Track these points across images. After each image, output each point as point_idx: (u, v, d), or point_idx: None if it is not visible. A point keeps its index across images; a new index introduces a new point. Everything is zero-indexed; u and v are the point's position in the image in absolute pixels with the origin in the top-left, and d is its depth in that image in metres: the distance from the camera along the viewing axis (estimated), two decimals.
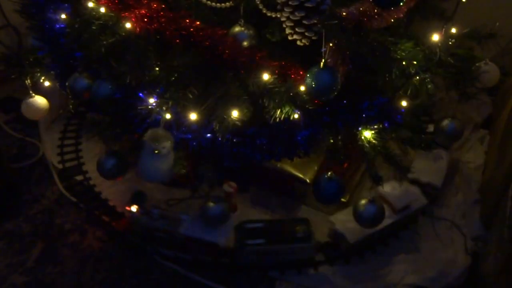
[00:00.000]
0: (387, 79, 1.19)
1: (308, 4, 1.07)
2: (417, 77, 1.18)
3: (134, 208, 1.40)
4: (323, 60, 1.04)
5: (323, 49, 1.05)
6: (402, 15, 1.20)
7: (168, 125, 1.15)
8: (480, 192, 1.61)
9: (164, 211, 1.43)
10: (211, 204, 1.31)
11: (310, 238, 1.40)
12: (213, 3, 1.25)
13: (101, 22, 1.22)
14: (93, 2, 1.24)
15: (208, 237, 1.40)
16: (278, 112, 1.11)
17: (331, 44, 1.09)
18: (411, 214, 1.49)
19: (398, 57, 1.18)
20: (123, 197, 1.60)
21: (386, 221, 1.38)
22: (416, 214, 1.53)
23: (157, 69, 1.19)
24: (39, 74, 1.44)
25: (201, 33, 1.17)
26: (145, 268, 1.47)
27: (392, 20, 1.18)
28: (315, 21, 1.08)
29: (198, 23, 1.19)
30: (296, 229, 1.41)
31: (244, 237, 1.41)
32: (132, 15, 1.19)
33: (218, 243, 1.41)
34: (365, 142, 1.19)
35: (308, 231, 1.41)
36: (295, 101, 1.10)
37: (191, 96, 1.16)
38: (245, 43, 1.20)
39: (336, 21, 1.07)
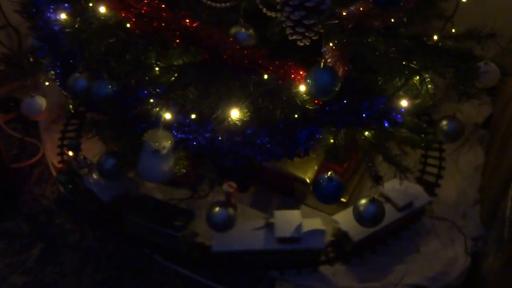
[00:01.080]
0: (387, 79, 1.19)
1: (308, 4, 1.07)
2: (417, 77, 1.18)
3: (70, 153, 1.53)
4: (323, 60, 1.03)
5: (323, 49, 1.05)
6: (402, 15, 1.20)
7: (168, 125, 1.15)
8: (480, 192, 1.61)
9: (91, 163, 1.53)
10: (216, 209, 1.30)
11: (181, 230, 1.41)
12: (213, 3, 1.25)
13: (101, 22, 1.22)
14: (93, 2, 1.24)
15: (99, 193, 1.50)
16: (278, 112, 1.11)
17: (331, 44, 1.09)
18: (414, 211, 1.49)
19: (398, 57, 1.18)
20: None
21: (390, 219, 1.38)
22: (420, 212, 1.53)
23: (157, 69, 1.19)
24: (39, 74, 1.44)
25: (201, 33, 1.17)
26: (145, 268, 1.47)
27: (392, 20, 1.18)
28: (315, 21, 1.08)
29: (198, 23, 1.19)
30: (177, 217, 1.43)
31: (129, 208, 1.48)
32: (132, 15, 1.19)
33: (103, 199, 1.49)
34: (365, 142, 1.19)
35: (185, 224, 1.42)
36: (295, 101, 1.10)
37: (191, 96, 1.16)
38: (245, 43, 1.20)
39: (336, 21, 1.07)
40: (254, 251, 1.41)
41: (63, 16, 1.30)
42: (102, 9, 1.22)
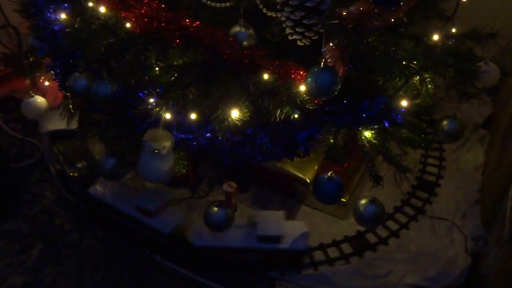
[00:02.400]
0: (387, 79, 1.19)
1: (308, 4, 1.06)
2: (417, 77, 1.18)
3: None
4: (323, 60, 1.03)
5: (323, 49, 1.05)
6: (402, 15, 1.20)
7: (168, 125, 1.15)
8: (480, 192, 1.61)
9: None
10: (215, 209, 1.29)
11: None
12: (213, 3, 1.25)
13: (101, 22, 1.22)
14: (93, 1, 1.24)
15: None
16: (278, 112, 1.11)
17: (331, 44, 1.09)
18: (283, 251, 1.41)
19: (398, 57, 1.18)
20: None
21: (242, 242, 1.39)
22: (297, 256, 1.45)
23: (157, 69, 1.19)
24: (39, 74, 1.44)
25: (201, 33, 1.17)
26: (145, 268, 1.47)
27: (392, 20, 1.18)
28: (315, 21, 1.08)
29: (198, 23, 1.19)
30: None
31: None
32: (132, 15, 1.19)
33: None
34: (365, 142, 1.19)
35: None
36: (295, 101, 1.10)
37: (191, 96, 1.15)
38: (245, 43, 1.20)
39: (336, 21, 1.07)
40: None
41: (63, 16, 1.30)
42: (102, 9, 1.22)
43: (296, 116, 1.11)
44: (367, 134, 1.19)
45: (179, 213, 1.49)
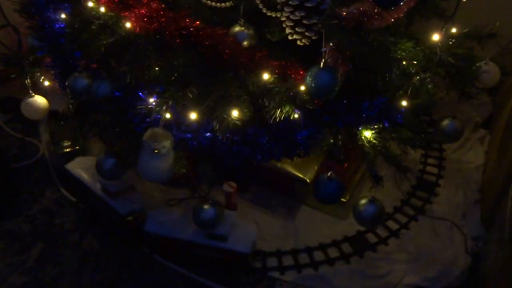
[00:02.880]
0: (387, 79, 1.19)
1: (308, 4, 1.07)
2: (417, 77, 1.18)
3: None
4: (323, 60, 1.04)
5: (323, 49, 1.05)
6: (402, 15, 1.20)
7: (168, 124, 1.15)
8: (480, 192, 1.61)
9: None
10: (205, 206, 1.29)
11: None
12: (213, 3, 1.25)
13: (101, 22, 1.22)
14: (93, 1, 1.24)
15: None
16: (278, 112, 1.11)
17: (331, 44, 1.09)
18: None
19: (398, 57, 1.18)
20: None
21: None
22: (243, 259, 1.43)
23: (157, 69, 1.19)
24: (39, 74, 1.44)
25: (201, 33, 1.17)
26: (145, 268, 1.47)
27: (392, 20, 1.18)
28: (315, 21, 1.08)
29: (198, 23, 1.19)
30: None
31: None
32: (132, 15, 1.20)
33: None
34: (365, 142, 1.19)
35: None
36: (295, 101, 1.10)
37: (191, 96, 1.16)
38: (245, 43, 1.20)
39: (336, 21, 1.07)
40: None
41: (63, 16, 1.30)
42: (102, 9, 1.23)
43: (296, 116, 1.11)
44: (367, 134, 1.19)
45: (138, 199, 1.53)
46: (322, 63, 1.03)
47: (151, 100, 1.16)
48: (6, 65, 1.50)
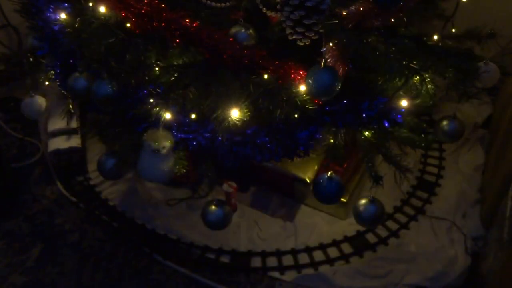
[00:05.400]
0: (387, 79, 1.19)
1: (308, 4, 1.06)
2: (417, 77, 1.18)
3: None
4: (323, 60, 1.03)
5: (323, 49, 1.05)
6: (402, 14, 1.20)
7: (168, 125, 1.15)
8: (480, 192, 1.61)
9: None
10: (213, 207, 1.29)
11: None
12: (213, 3, 1.25)
13: (101, 22, 1.22)
14: (93, 2, 1.24)
15: None
16: (278, 112, 1.11)
17: (331, 44, 1.09)
18: None
19: (398, 57, 1.18)
20: (123, 197, 1.60)
21: None
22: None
23: (157, 69, 1.19)
24: (39, 74, 1.44)
25: (201, 33, 1.17)
26: (145, 268, 1.47)
27: (392, 20, 1.18)
28: (315, 21, 1.08)
29: (198, 23, 1.19)
30: None
31: None
32: (132, 15, 1.19)
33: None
34: (365, 142, 1.19)
35: None
36: (295, 101, 1.10)
37: (191, 96, 1.15)
38: (245, 43, 1.20)
39: (336, 21, 1.07)
40: None
41: (63, 16, 1.30)
42: (102, 9, 1.22)
43: (296, 116, 1.11)
44: (367, 134, 1.19)
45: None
46: (322, 63, 1.03)
47: (151, 100, 1.16)
48: (6, 65, 1.50)
